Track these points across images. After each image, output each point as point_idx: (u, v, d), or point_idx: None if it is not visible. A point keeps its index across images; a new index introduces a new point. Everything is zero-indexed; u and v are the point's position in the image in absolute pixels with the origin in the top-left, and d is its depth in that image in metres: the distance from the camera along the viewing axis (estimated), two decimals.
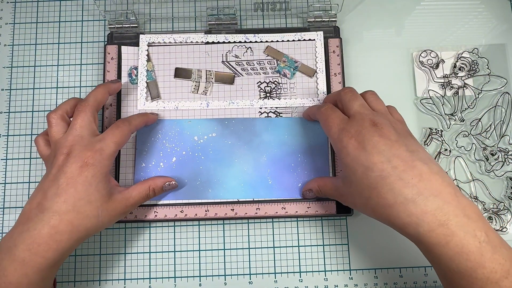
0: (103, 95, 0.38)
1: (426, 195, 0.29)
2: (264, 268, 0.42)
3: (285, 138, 0.43)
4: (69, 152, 0.34)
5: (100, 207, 0.34)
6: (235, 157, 0.42)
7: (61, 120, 0.36)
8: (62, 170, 0.33)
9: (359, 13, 0.48)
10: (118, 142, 0.36)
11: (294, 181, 0.42)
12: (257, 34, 0.45)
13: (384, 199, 0.30)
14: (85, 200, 0.33)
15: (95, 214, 0.34)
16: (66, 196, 0.33)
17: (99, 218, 0.34)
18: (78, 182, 0.33)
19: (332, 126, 0.34)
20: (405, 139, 0.32)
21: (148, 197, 0.38)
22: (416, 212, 0.29)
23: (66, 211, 0.32)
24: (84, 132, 0.35)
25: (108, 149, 0.35)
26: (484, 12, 0.48)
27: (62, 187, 0.33)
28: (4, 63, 0.46)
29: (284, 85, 0.44)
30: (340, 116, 0.35)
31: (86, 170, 0.33)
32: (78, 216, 0.33)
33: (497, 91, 0.45)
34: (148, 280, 0.42)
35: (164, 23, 0.47)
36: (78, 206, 0.33)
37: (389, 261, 0.42)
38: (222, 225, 0.43)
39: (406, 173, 0.30)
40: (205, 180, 0.42)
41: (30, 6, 0.48)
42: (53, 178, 0.33)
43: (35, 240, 0.31)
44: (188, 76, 0.44)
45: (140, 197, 0.38)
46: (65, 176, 0.33)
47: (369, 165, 0.30)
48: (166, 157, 0.42)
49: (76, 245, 0.34)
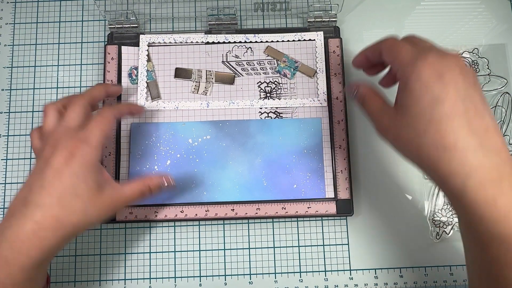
0: (99, 92, 0.38)
1: (487, 149, 0.26)
2: (264, 268, 0.42)
3: (280, 140, 0.43)
4: (56, 144, 0.32)
5: (87, 201, 0.32)
6: (229, 159, 0.42)
7: (57, 112, 0.35)
8: (48, 162, 0.31)
9: (359, 13, 0.48)
10: (103, 129, 0.34)
11: (289, 182, 0.42)
12: (257, 34, 0.45)
13: (443, 138, 0.27)
14: (71, 193, 0.31)
15: (82, 209, 0.31)
16: (51, 189, 0.31)
17: (87, 214, 0.32)
18: (64, 174, 0.31)
19: (404, 51, 0.29)
20: (479, 86, 0.29)
21: (143, 195, 0.36)
22: (472, 163, 0.26)
23: (50, 205, 0.30)
24: (73, 124, 0.34)
25: (94, 138, 0.33)
26: (484, 12, 0.48)
27: (47, 180, 0.31)
28: (4, 63, 0.46)
29: (284, 85, 0.44)
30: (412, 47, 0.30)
31: (72, 161, 0.31)
32: (63, 211, 0.31)
33: (497, 91, 0.45)
34: (148, 280, 0.42)
35: (164, 23, 0.47)
36: (64, 200, 0.31)
37: (389, 261, 0.42)
38: (222, 225, 0.43)
39: (475, 120, 0.27)
40: (200, 183, 0.42)
41: (30, 6, 0.48)
42: (39, 171, 0.32)
43: (18, 237, 0.30)
44: (188, 76, 0.44)
45: (133, 195, 0.35)
46: (51, 168, 0.31)
47: (440, 97, 0.27)
48: (160, 160, 0.42)
49: (62, 243, 0.32)
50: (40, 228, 0.30)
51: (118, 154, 0.42)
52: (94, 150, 0.33)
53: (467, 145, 0.26)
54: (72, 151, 0.32)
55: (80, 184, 0.31)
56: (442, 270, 0.42)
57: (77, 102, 0.35)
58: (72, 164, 0.31)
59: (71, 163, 0.31)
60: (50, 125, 0.34)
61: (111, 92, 0.40)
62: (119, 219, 0.41)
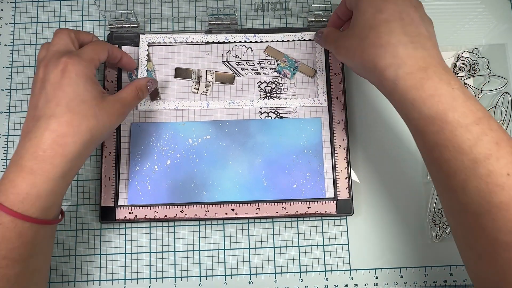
0: (117, 53, 0.40)
1: (417, 45, 0.31)
2: (264, 268, 0.42)
3: (280, 139, 0.43)
4: (47, 63, 0.34)
5: (95, 106, 0.33)
6: (229, 159, 0.42)
7: (69, 39, 0.36)
8: (45, 79, 0.33)
9: None
10: (96, 49, 0.36)
11: (289, 182, 0.42)
12: (257, 34, 0.45)
13: (379, 38, 0.31)
14: (77, 100, 0.32)
15: (92, 114, 0.33)
16: (57, 100, 0.32)
17: (98, 117, 0.33)
18: (64, 84, 0.32)
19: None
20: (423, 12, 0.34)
21: (138, 98, 0.39)
22: (402, 55, 0.30)
23: (61, 113, 0.31)
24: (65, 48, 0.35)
25: (86, 54, 0.35)
26: (484, 12, 0.48)
27: (50, 93, 0.32)
28: (4, 63, 0.46)
29: (284, 85, 0.44)
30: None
31: (68, 72, 0.33)
32: (75, 116, 0.32)
33: (497, 91, 0.45)
34: (148, 280, 0.42)
35: (164, 23, 0.47)
36: (73, 106, 0.32)
37: (389, 261, 0.42)
38: (222, 225, 0.43)
39: (409, 27, 0.32)
40: (200, 183, 0.42)
41: (30, 6, 0.48)
42: (39, 91, 0.33)
43: (39, 147, 0.31)
44: (188, 76, 0.44)
45: (131, 97, 0.38)
46: (50, 83, 0.32)
47: (381, 8, 0.32)
48: (160, 160, 0.42)
49: (84, 150, 0.33)
50: (58, 135, 0.31)
51: (118, 154, 0.42)
52: (86, 62, 0.34)
53: (399, 41, 0.31)
54: (66, 63, 0.33)
55: (83, 91, 0.33)
56: (442, 270, 0.42)
57: (97, 48, 0.36)
58: (68, 74, 0.33)
59: (67, 74, 0.33)
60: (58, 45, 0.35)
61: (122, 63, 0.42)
62: (119, 219, 0.41)
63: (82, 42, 0.38)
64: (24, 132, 0.32)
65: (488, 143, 0.27)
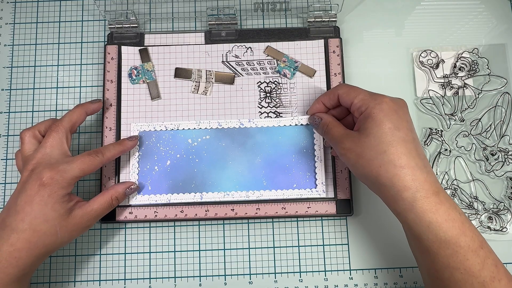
0: (79, 115, 0.39)
1: (428, 169, 0.33)
2: (264, 268, 0.42)
3: (279, 139, 0.43)
4: (33, 169, 0.35)
5: (58, 225, 0.35)
6: (229, 159, 0.42)
7: (33, 138, 0.37)
8: (24, 187, 0.35)
9: (359, 13, 0.48)
10: (84, 169, 0.36)
11: (289, 182, 0.42)
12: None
13: (399, 158, 0.33)
14: (41, 219, 0.34)
15: (53, 232, 0.35)
16: (23, 215, 0.34)
17: (58, 235, 0.35)
18: (34, 201, 0.34)
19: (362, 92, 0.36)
20: None
21: (111, 207, 0.38)
22: (420, 179, 0.32)
23: (23, 229, 0.34)
24: (53, 152, 0.36)
25: (71, 173, 0.36)
26: (484, 12, 0.48)
27: (20, 205, 0.34)
28: (4, 63, 0.46)
29: (284, 85, 0.44)
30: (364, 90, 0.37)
31: (43, 189, 0.34)
32: (35, 234, 0.34)
33: (497, 91, 0.45)
34: (148, 280, 0.42)
35: (164, 23, 0.47)
36: (35, 225, 0.34)
37: (389, 261, 0.42)
38: (222, 225, 0.43)
39: (418, 147, 0.34)
40: (200, 183, 0.42)
41: (30, 6, 0.48)
42: (16, 196, 0.35)
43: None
44: (188, 76, 0.44)
45: (102, 209, 0.37)
46: (25, 194, 0.34)
47: (398, 125, 0.34)
48: (160, 161, 0.42)
49: (37, 261, 0.35)
50: (14, 250, 0.34)
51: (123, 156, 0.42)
52: (66, 183, 0.35)
53: (416, 165, 0.33)
54: (45, 180, 0.35)
55: (49, 211, 0.34)
56: None
57: (57, 129, 0.37)
58: (42, 193, 0.34)
59: (42, 191, 0.34)
60: (29, 151, 0.37)
61: (91, 111, 0.41)
62: (119, 219, 0.41)
63: (45, 131, 0.38)
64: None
65: (491, 265, 0.31)
